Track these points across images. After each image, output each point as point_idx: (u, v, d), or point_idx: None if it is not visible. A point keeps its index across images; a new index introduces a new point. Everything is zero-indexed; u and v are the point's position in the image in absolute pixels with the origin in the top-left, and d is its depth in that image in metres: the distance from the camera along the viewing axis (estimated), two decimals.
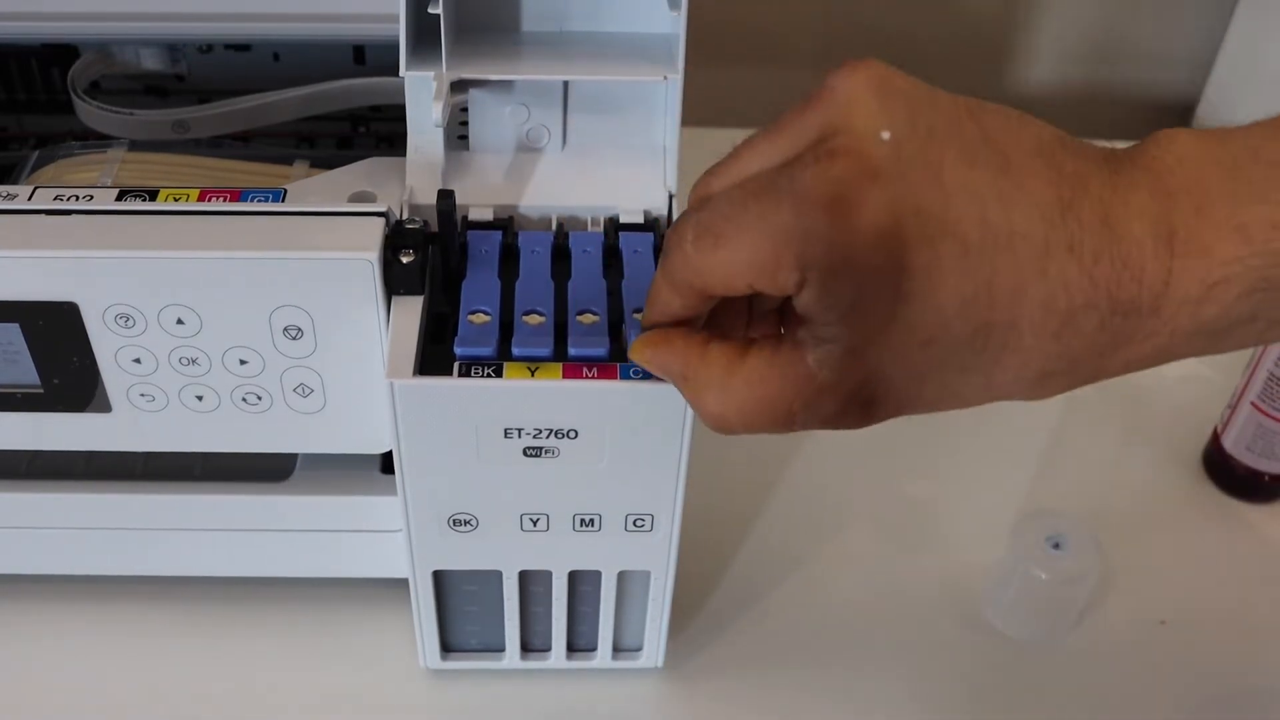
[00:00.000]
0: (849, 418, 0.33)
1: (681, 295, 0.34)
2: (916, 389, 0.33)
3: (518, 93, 0.44)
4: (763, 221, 0.31)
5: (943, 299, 0.31)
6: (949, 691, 0.51)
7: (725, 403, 0.34)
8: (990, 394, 0.33)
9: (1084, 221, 0.31)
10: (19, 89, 0.54)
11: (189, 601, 0.52)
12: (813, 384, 0.32)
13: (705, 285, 0.33)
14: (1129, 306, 0.31)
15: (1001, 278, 0.31)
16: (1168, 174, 0.31)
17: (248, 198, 0.41)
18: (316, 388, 0.43)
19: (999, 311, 0.31)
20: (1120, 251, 0.31)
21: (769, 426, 0.34)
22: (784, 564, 0.56)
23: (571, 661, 0.49)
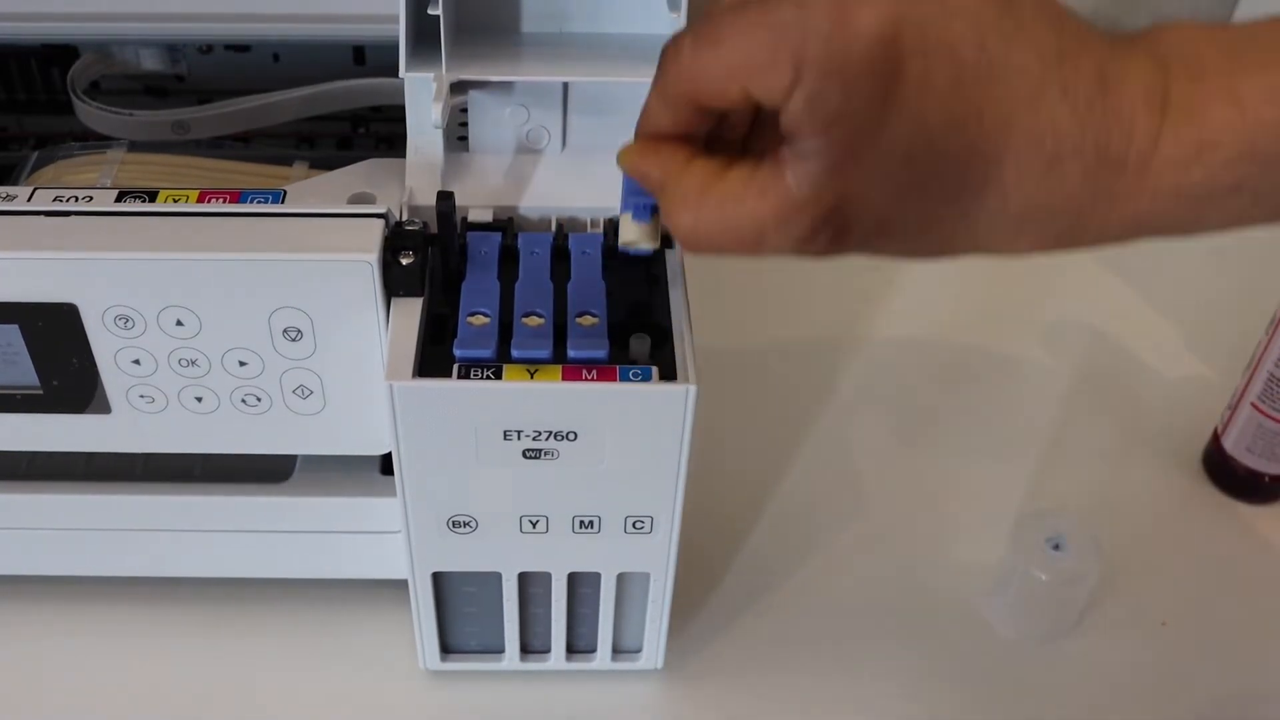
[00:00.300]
0: (819, 241, 0.32)
1: (672, 107, 0.34)
2: (894, 213, 0.32)
3: (517, 94, 0.44)
4: (762, 18, 0.31)
5: (931, 113, 0.31)
6: (949, 692, 0.51)
7: (698, 218, 0.33)
8: (967, 237, 0.33)
9: (1080, 70, 0.31)
10: (19, 89, 0.54)
11: (189, 602, 0.52)
12: (788, 200, 0.32)
13: (698, 90, 0.33)
14: (1115, 160, 0.31)
15: (992, 107, 0.31)
16: (1166, 48, 0.32)
17: (247, 199, 0.41)
18: (316, 389, 0.43)
19: (986, 141, 0.31)
20: (1112, 104, 0.31)
21: (737, 246, 0.33)
22: (784, 565, 0.56)
23: (571, 663, 0.49)
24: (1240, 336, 0.63)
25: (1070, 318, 0.70)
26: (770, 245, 0.33)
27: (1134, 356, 0.68)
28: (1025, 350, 0.68)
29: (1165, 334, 0.69)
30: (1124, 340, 0.69)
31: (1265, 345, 0.56)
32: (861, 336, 0.68)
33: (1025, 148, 0.31)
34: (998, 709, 0.51)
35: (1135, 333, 0.69)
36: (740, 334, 0.67)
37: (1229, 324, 0.67)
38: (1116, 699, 0.51)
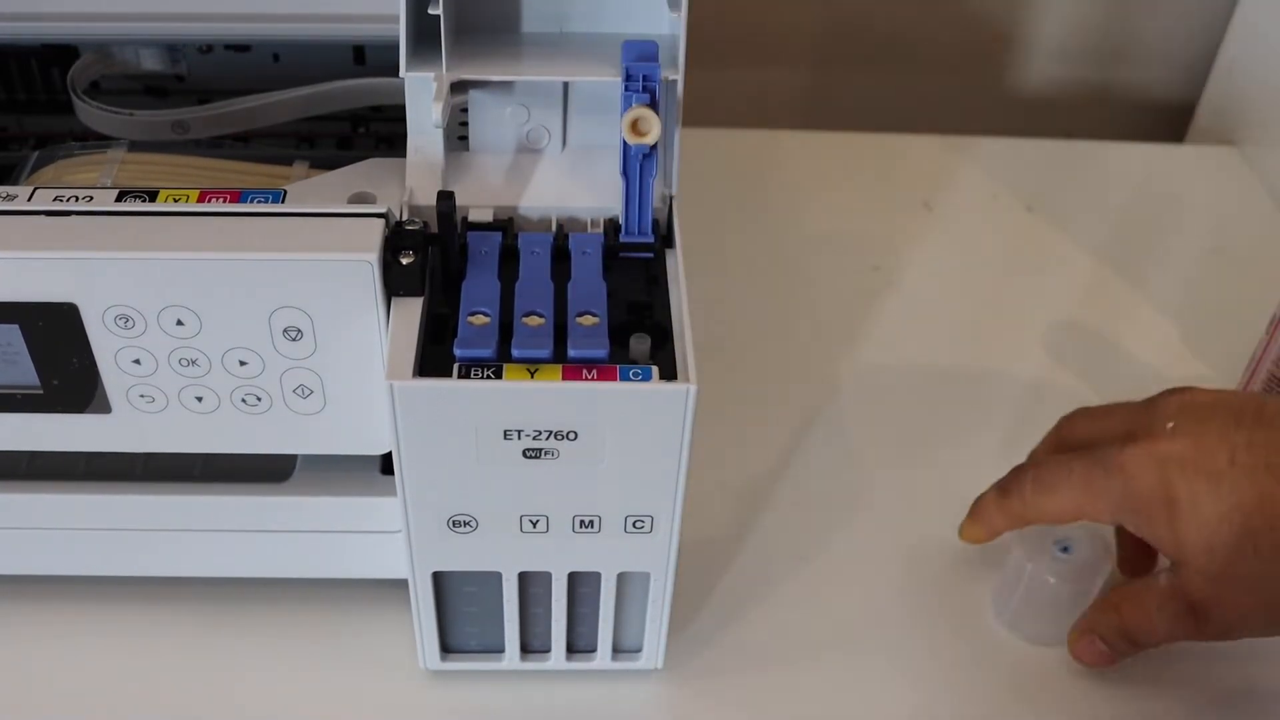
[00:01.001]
0: (1188, 623, 0.46)
1: (1010, 521, 0.50)
2: (1231, 598, 0.45)
3: (518, 94, 0.44)
4: (1086, 480, 0.47)
5: (1205, 513, 0.44)
6: (949, 692, 0.51)
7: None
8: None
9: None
10: (19, 89, 0.54)
11: (188, 602, 0.52)
12: (1163, 592, 0.47)
13: (1034, 519, 0.49)
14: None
15: (1246, 496, 0.43)
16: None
17: (247, 198, 0.41)
18: (316, 389, 0.43)
19: (1256, 519, 0.43)
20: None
21: (1130, 621, 0.49)
22: (784, 565, 0.56)
23: (571, 663, 0.49)
24: (1240, 336, 0.63)
25: (1070, 318, 0.70)
26: (1159, 623, 0.47)
27: (1134, 356, 0.68)
28: (1025, 350, 0.68)
29: (1165, 334, 0.69)
30: (1124, 340, 0.69)
31: (1265, 345, 0.56)
32: (862, 336, 0.68)
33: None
34: (998, 709, 0.51)
35: (1135, 333, 0.69)
36: (740, 334, 0.67)
37: (1229, 324, 0.67)
38: (1123, 701, 0.51)
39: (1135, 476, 0.45)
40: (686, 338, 0.40)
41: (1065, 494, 0.47)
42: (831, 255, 0.73)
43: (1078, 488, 0.47)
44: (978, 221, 0.77)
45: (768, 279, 0.71)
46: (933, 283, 0.72)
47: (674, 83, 0.42)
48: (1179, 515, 0.45)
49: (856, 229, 0.76)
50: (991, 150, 0.83)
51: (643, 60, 0.41)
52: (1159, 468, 0.45)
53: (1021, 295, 0.72)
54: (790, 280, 0.71)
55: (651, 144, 0.41)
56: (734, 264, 0.72)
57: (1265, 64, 0.82)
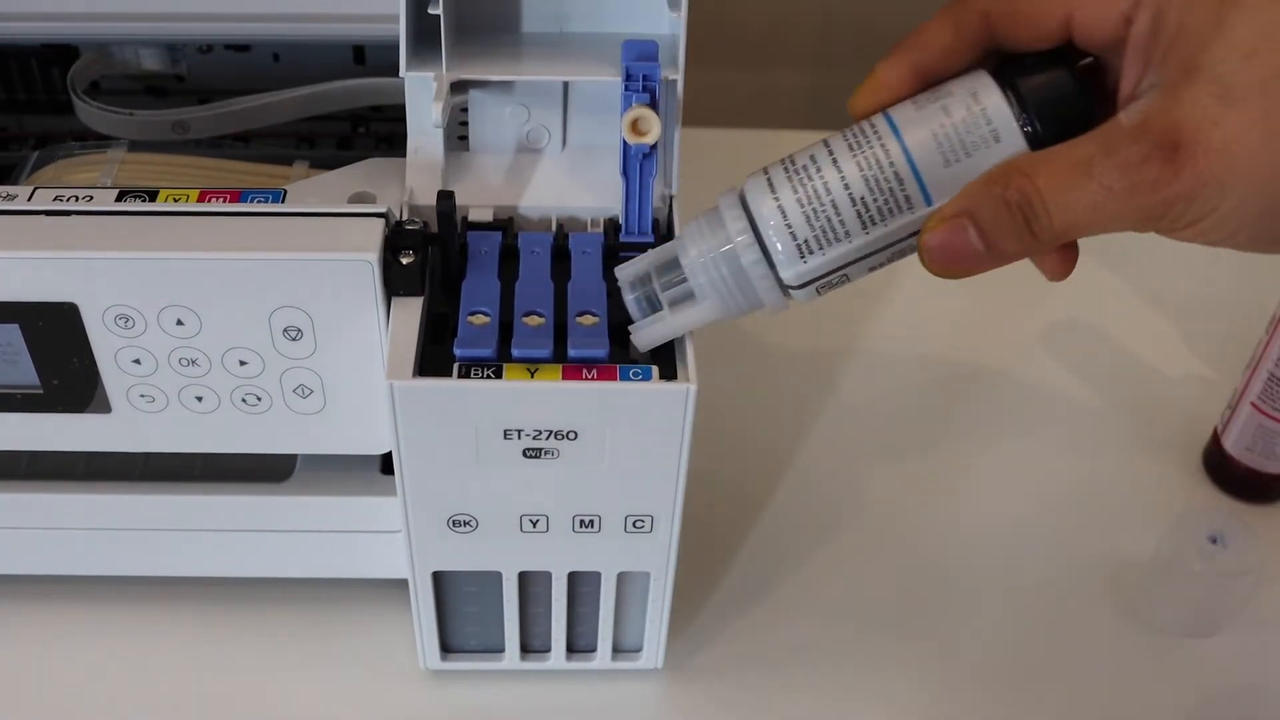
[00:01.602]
0: (1149, 169, 0.32)
1: (959, 26, 0.35)
2: (1235, 119, 0.31)
3: (518, 93, 0.44)
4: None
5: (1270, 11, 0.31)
6: (949, 692, 0.51)
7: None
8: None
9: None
10: (19, 89, 0.54)
11: (188, 602, 0.52)
12: (1116, 130, 0.33)
13: (1014, 11, 0.35)
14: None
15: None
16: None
17: (248, 198, 0.41)
18: (316, 389, 0.43)
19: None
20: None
21: (1063, 180, 0.33)
22: (784, 564, 0.56)
23: (571, 662, 0.49)
24: (1240, 336, 0.63)
25: (1070, 318, 0.70)
26: (1100, 178, 0.32)
27: (1134, 356, 0.68)
28: (1025, 350, 0.68)
29: (1165, 334, 0.69)
30: (1124, 340, 0.69)
31: (1265, 345, 0.56)
32: (862, 334, 0.68)
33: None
34: (997, 709, 0.51)
35: (1135, 333, 0.69)
36: (740, 334, 0.67)
37: (1229, 324, 0.67)
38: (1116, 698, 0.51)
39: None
40: (687, 337, 0.40)
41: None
42: None
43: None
44: None
45: None
46: (933, 282, 0.72)
47: (674, 83, 0.42)
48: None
49: None
50: None
51: (643, 60, 0.41)
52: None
53: (1022, 295, 0.71)
54: None
55: (651, 144, 0.41)
56: None
57: None
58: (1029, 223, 0.34)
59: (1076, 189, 0.33)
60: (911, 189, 0.35)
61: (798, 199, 0.36)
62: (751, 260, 0.37)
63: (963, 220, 0.34)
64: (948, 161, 0.35)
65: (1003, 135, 0.35)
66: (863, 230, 0.36)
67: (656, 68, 0.41)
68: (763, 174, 0.38)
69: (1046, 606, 0.55)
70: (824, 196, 0.36)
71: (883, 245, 0.37)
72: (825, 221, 0.36)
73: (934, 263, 0.35)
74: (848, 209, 0.36)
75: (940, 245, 0.35)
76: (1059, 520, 0.58)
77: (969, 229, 0.34)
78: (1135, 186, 0.32)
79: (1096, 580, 0.56)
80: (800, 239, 0.36)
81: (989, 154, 0.35)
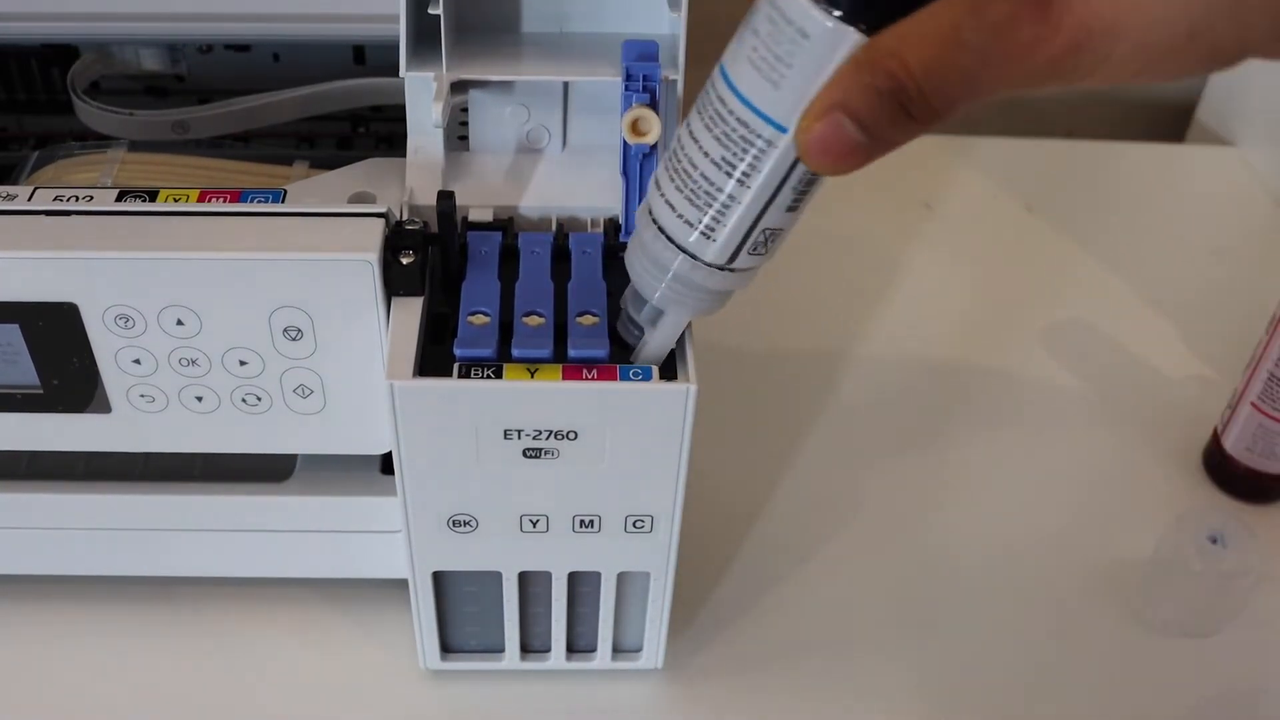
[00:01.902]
0: (1023, 24, 0.29)
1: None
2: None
3: (518, 93, 0.44)
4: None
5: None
6: (948, 692, 0.51)
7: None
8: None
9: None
10: (19, 89, 0.54)
11: (188, 602, 0.52)
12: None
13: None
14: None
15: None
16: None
17: (248, 198, 0.41)
18: (316, 389, 0.43)
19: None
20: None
21: (935, 53, 0.30)
22: (784, 564, 0.56)
23: (571, 662, 0.49)
24: (1240, 336, 0.63)
25: (1070, 318, 0.70)
26: (971, 45, 0.29)
27: (1134, 356, 0.68)
28: (1025, 350, 0.68)
29: (1165, 334, 0.69)
30: (1124, 340, 0.69)
31: (1265, 345, 0.56)
32: (861, 335, 0.68)
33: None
34: (997, 709, 0.51)
35: (1135, 333, 0.69)
36: (740, 334, 0.67)
37: (1229, 324, 0.67)
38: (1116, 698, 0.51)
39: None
40: (687, 337, 0.40)
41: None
42: (832, 255, 0.73)
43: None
44: (978, 221, 0.77)
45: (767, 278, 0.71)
46: (933, 283, 0.72)
47: (674, 83, 0.42)
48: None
49: (856, 229, 0.76)
50: (991, 150, 0.83)
51: (643, 60, 0.41)
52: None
53: (1021, 295, 0.71)
54: (790, 280, 0.71)
55: (651, 144, 0.41)
56: None
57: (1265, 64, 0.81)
58: (905, 107, 0.30)
59: (948, 63, 0.29)
60: (759, 126, 0.33)
61: (676, 186, 0.35)
62: (676, 261, 0.36)
63: (836, 115, 0.31)
64: (775, 84, 0.32)
65: (809, 29, 0.31)
66: (744, 188, 0.34)
67: (657, 68, 0.41)
68: (654, 176, 0.37)
69: (1046, 606, 0.55)
70: (694, 173, 0.34)
71: (775, 188, 0.34)
72: (706, 197, 0.35)
73: (816, 163, 0.32)
74: (718, 176, 0.34)
75: (818, 143, 0.31)
76: (1059, 520, 0.58)
77: (844, 122, 0.31)
78: (1011, 51, 0.29)
79: (1096, 580, 0.56)
80: (697, 223, 0.35)
81: (807, 56, 0.31)
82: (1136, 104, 0.91)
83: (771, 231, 0.35)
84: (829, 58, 0.31)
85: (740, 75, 0.33)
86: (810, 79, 0.31)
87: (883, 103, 0.30)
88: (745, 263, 0.36)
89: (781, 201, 0.34)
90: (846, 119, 0.31)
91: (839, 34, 0.31)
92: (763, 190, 0.34)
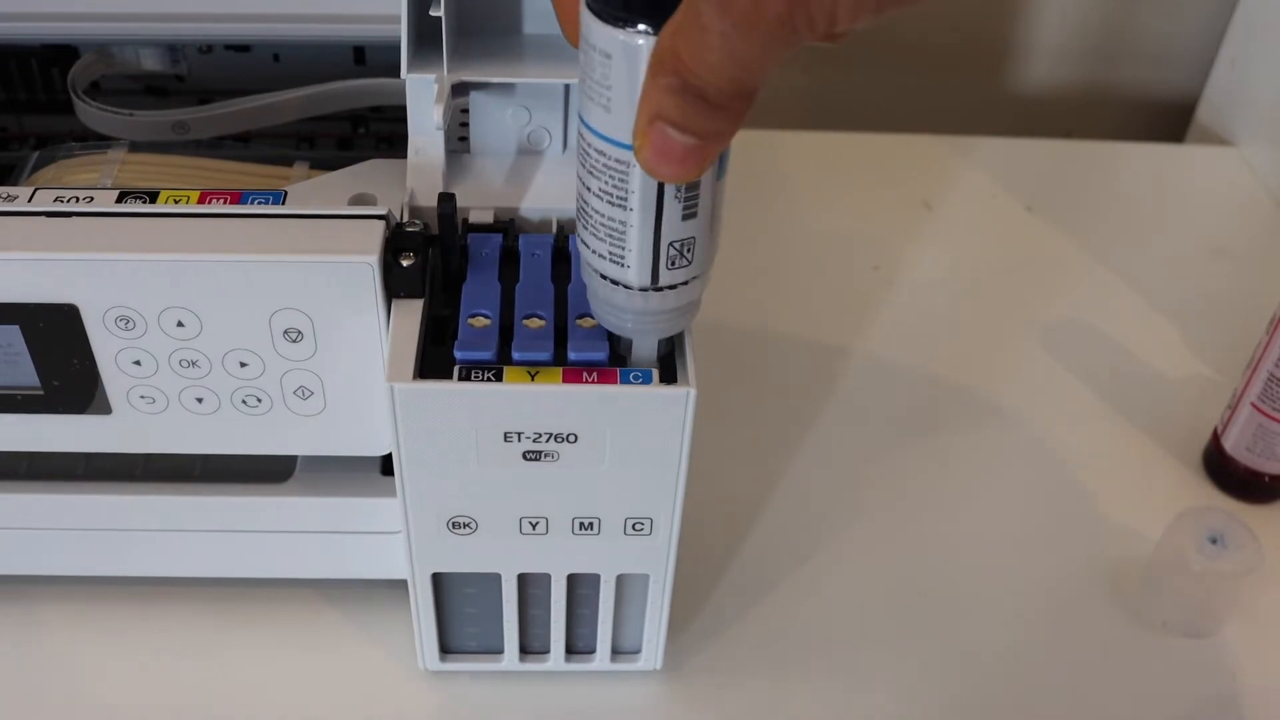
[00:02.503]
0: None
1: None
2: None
3: (519, 95, 0.44)
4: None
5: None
6: (948, 693, 0.51)
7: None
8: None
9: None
10: (19, 89, 0.54)
11: (188, 602, 0.52)
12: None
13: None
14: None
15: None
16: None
17: (248, 199, 0.41)
18: (316, 390, 0.43)
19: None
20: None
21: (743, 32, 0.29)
22: (784, 565, 0.56)
23: (570, 664, 0.49)
24: (1240, 336, 0.63)
25: (1070, 318, 0.70)
26: (713, 27, 0.29)
27: (1134, 356, 0.68)
28: (1025, 350, 0.68)
29: (1165, 334, 0.69)
30: (1124, 340, 0.69)
31: (1265, 345, 0.56)
32: (861, 336, 0.68)
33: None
34: (996, 709, 0.51)
35: (1135, 333, 0.69)
36: (740, 335, 0.67)
37: (1229, 324, 0.67)
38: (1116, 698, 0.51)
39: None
40: (686, 340, 0.40)
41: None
42: (831, 255, 0.73)
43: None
44: (978, 221, 0.77)
45: (767, 279, 0.71)
46: (933, 283, 0.72)
47: None
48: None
49: (856, 229, 0.76)
50: (991, 150, 0.83)
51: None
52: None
53: (1021, 295, 0.72)
54: (790, 280, 0.71)
55: None
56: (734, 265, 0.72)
57: (1266, 64, 0.82)
58: (703, 97, 0.30)
59: (706, 48, 0.29)
60: (613, 151, 0.34)
61: (584, 226, 0.37)
62: (613, 294, 0.38)
63: (657, 125, 0.31)
64: (606, 109, 0.33)
65: (609, 49, 0.32)
66: (628, 210, 0.35)
67: None
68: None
69: (1046, 606, 0.55)
70: (590, 210, 0.36)
71: (656, 202, 0.35)
72: (606, 228, 0.36)
73: (662, 175, 0.33)
74: (605, 206, 0.35)
75: (654, 157, 0.32)
76: (1059, 520, 0.58)
77: (666, 130, 0.31)
78: (743, 25, 0.29)
79: (1096, 580, 0.56)
80: (609, 255, 0.37)
81: (618, 74, 0.32)
82: (1136, 104, 0.91)
83: (681, 243, 0.36)
84: (635, 69, 0.32)
85: (586, 110, 0.34)
86: (630, 93, 0.32)
87: (684, 100, 0.30)
88: (671, 278, 0.37)
89: (671, 213, 0.35)
90: (666, 126, 0.31)
91: (630, 45, 0.32)
92: (645, 208, 0.35)
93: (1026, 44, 0.88)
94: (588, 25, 0.33)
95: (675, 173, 0.32)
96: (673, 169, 0.32)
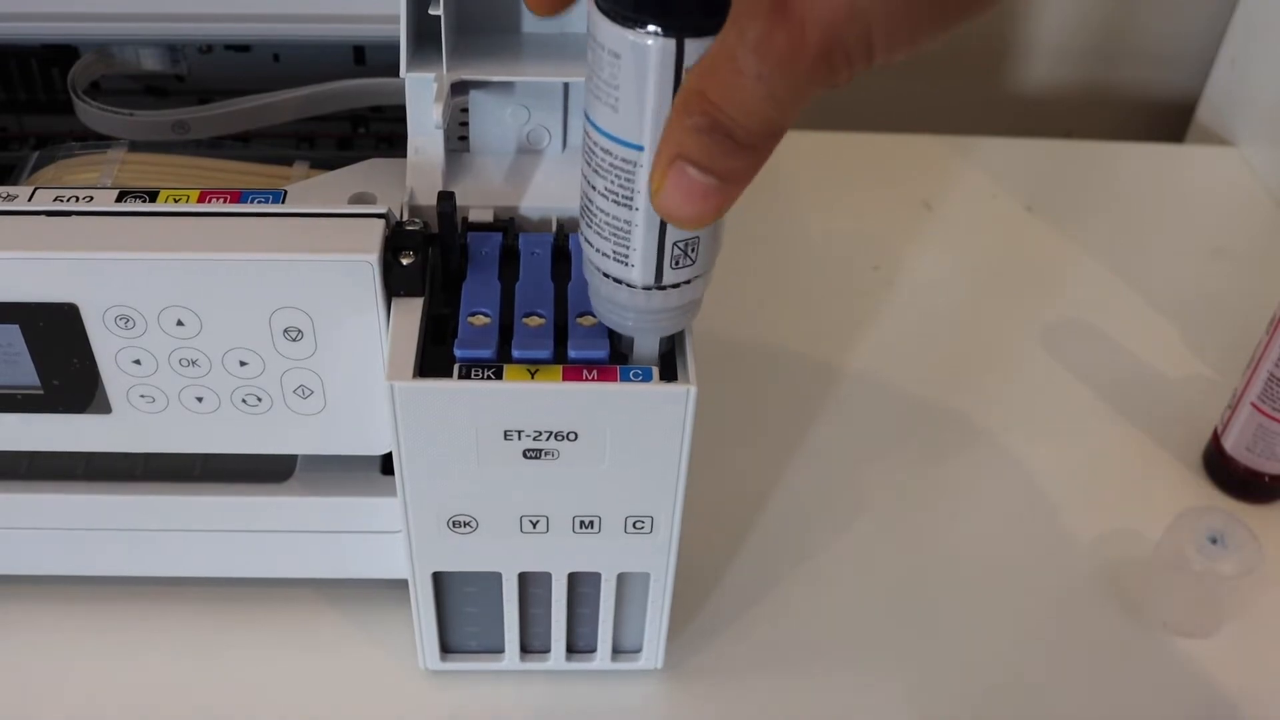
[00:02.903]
0: (777, 33, 0.28)
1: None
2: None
3: (518, 94, 0.44)
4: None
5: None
6: (949, 693, 0.51)
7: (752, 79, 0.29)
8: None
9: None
10: (19, 89, 0.54)
11: (188, 602, 0.52)
12: (740, 2, 0.29)
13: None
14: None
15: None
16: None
17: (248, 199, 0.41)
18: (316, 389, 0.43)
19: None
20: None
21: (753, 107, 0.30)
22: (784, 564, 0.56)
23: (571, 663, 0.49)
24: (1240, 336, 0.63)
25: (1070, 318, 0.70)
26: (749, 70, 0.29)
27: (1134, 356, 0.68)
28: (1025, 350, 0.68)
29: (1165, 334, 0.69)
30: (1124, 340, 0.69)
31: (1265, 345, 0.56)
32: (861, 336, 0.68)
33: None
34: (997, 709, 0.51)
35: (1135, 333, 0.69)
36: (740, 334, 0.67)
37: (1229, 324, 0.67)
38: (1116, 698, 0.51)
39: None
40: (686, 338, 0.40)
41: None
42: (831, 255, 0.73)
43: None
44: (978, 221, 0.77)
45: (768, 279, 0.71)
46: (933, 283, 0.72)
47: None
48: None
49: (856, 229, 0.76)
50: (991, 150, 0.83)
51: None
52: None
53: (1021, 295, 0.72)
54: (790, 280, 0.71)
55: None
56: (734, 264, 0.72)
57: (1265, 64, 0.82)
58: (731, 138, 0.30)
59: (741, 91, 0.29)
60: (620, 150, 0.34)
61: (589, 225, 0.37)
62: (616, 293, 0.38)
63: (678, 164, 0.31)
64: (614, 108, 0.33)
65: (618, 49, 0.32)
66: (633, 209, 0.35)
67: None
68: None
69: (1046, 606, 0.55)
70: (595, 209, 0.36)
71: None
72: (611, 228, 0.36)
73: (681, 218, 0.32)
74: (611, 205, 0.36)
75: (674, 198, 0.32)
76: (1059, 520, 0.58)
77: (687, 169, 0.31)
78: (780, 66, 0.28)
79: (1096, 580, 0.56)
80: (614, 254, 0.37)
81: (626, 74, 0.32)
82: (1136, 104, 0.91)
83: (686, 242, 0.36)
84: (644, 70, 0.32)
85: (592, 109, 0.35)
86: (638, 94, 0.33)
87: (710, 140, 0.30)
88: (675, 277, 0.37)
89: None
90: (688, 166, 0.31)
91: (640, 45, 0.32)
92: (650, 207, 0.35)
93: (1026, 44, 0.88)
94: (596, 24, 0.33)
95: (694, 212, 0.32)
96: (694, 208, 0.32)
